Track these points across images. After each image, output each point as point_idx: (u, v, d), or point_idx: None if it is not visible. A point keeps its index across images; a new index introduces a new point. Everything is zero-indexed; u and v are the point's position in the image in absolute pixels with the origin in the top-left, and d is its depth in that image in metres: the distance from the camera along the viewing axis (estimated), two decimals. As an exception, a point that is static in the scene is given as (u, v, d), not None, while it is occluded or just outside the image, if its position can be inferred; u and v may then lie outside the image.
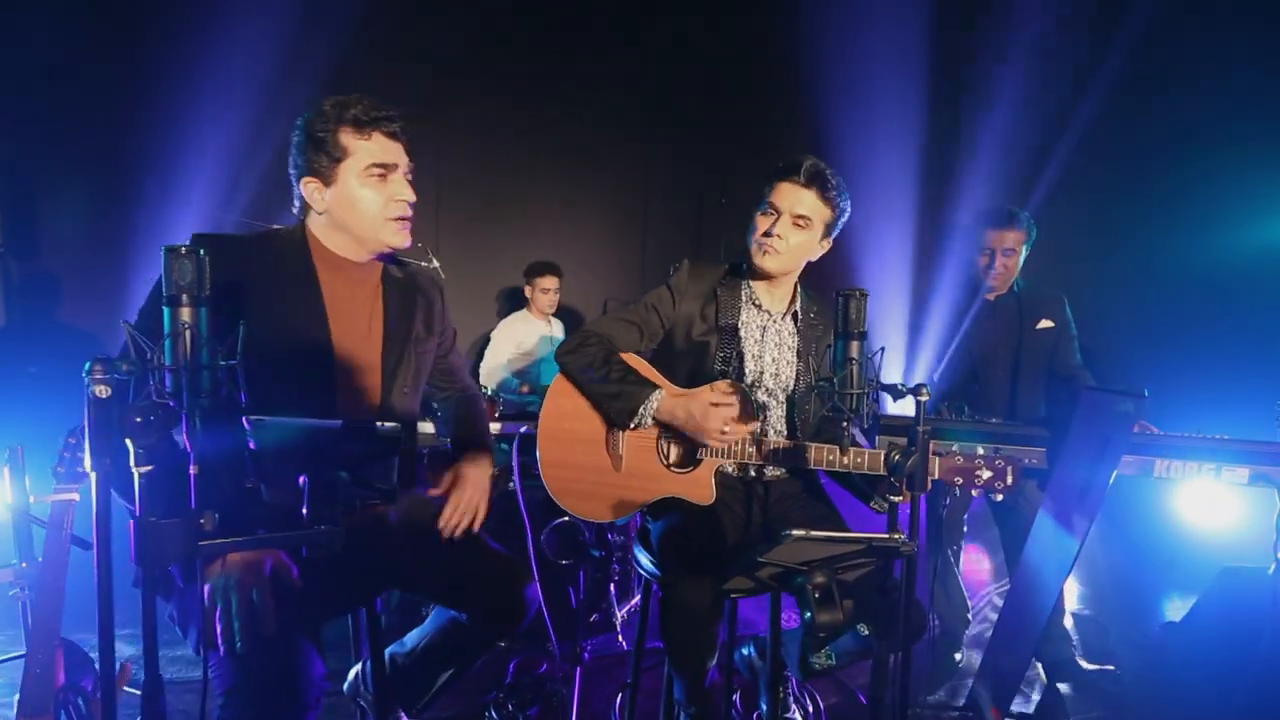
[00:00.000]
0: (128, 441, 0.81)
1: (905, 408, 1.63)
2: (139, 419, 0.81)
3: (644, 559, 1.52)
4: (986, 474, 1.30)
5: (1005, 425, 1.99)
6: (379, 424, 0.95)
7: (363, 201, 1.26)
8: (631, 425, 1.47)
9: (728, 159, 4.45)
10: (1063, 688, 2.16)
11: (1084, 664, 2.24)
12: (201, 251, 0.89)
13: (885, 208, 3.86)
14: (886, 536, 0.99)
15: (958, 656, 2.31)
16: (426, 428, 2.46)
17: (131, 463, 0.82)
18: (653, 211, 4.49)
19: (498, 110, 4.13)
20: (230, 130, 3.37)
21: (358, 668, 1.53)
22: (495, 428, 2.46)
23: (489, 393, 2.88)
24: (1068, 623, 2.39)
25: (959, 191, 3.62)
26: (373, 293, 1.37)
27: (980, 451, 1.33)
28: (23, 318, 3.17)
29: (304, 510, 0.92)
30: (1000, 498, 1.30)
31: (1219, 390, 2.75)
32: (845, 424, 1.11)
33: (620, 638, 2.40)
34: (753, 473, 1.59)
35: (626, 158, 4.40)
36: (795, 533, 0.92)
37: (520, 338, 3.65)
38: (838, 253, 1.64)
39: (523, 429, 2.05)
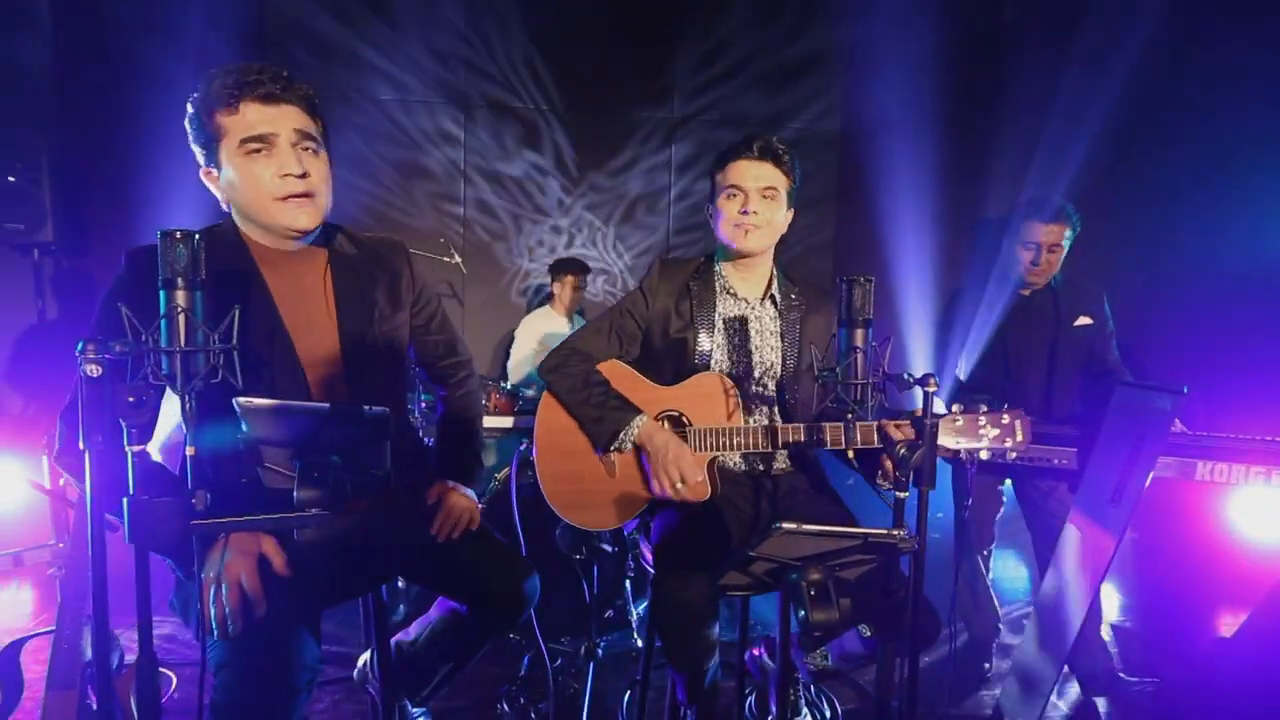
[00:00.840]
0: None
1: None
2: (132, 399, 0.83)
3: (647, 555, 1.50)
4: (992, 431, 1.22)
5: (1035, 423, 1.90)
6: (366, 408, 0.95)
7: (245, 183, 1.13)
8: (612, 449, 1.47)
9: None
10: (1099, 702, 2.05)
11: (1123, 677, 2.12)
12: (197, 236, 0.91)
13: (920, 198, 3.75)
14: (884, 532, 0.94)
15: (986, 666, 2.21)
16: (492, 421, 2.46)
17: (125, 442, 0.84)
18: (677, 211, 4.46)
19: (531, 103, 4.17)
20: None
21: (366, 655, 1.55)
22: (508, 423, 2.47)
23: (508, 387, 2.90)
24: (1106, 634, 2.27)
25: (996, 182, 3.49)
26: (320, 278, 1.26)
27: (983, 408, 1.23)
28: (71, 310, 3.34)
29: (294, 493, 0.92)
30: (1014, 456, 1.22)
31: (1270, 392, 2.57)
32: (849, 416, 1.06)
33: (635, 635, 2.37)
34: (760, 466, 1.55)
35: (656, 151, 4.37)
36: (785, 525, 0.88)
37: (543, 334, 3.68)
38: (869, 243, 1.61)
39: (522, 445, 2.06)
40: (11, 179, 3.04)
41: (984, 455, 1.25)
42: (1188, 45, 3.05)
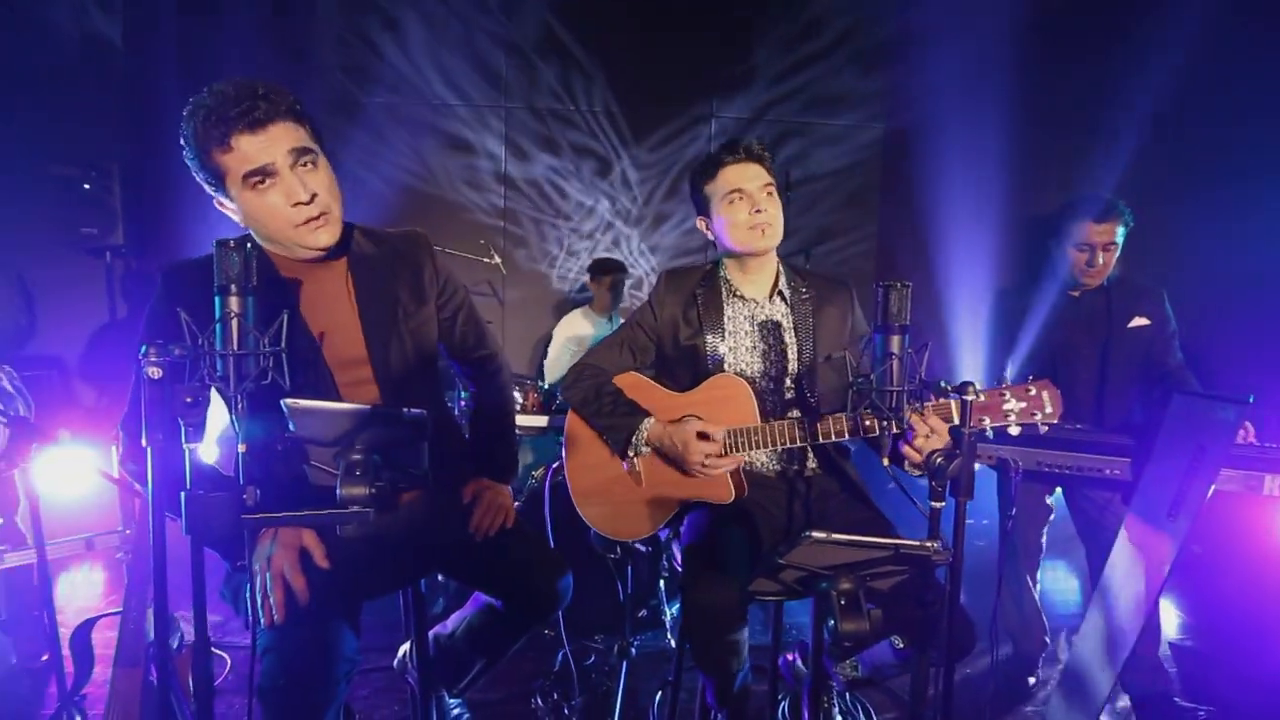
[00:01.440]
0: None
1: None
2: (189, 399, 0.88)
3: (678, 557, 1.51)
4: (1017, 404, 1.18)
5: (1086, 431, 1.82)
6: (405, 410, 0.98)
7: (261, 214, 1.15)
8: (630, 454, 1.50)
9: (797, 151, 4.33)
10: (1153, 727, 1.95)
11: (1181, 702, 2.02)
12: (249, 245, 0.96)
13: (967, 196, 3.64)
14: (917, 544, 0.92)
15: (1031, 681, 2.14)
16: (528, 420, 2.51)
17: (182, 439, 0.89)
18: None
19: (572, 104, 4.21)
20: (343, 138, 3.64)
21: (406, 646, 1.60)
22: (543, 421, 2.50)
23: (545, 386, 2.94)
24: (1164, 653, 2.16)
25: (1046, 179, 3.35)
26: (342, 281, 1.27)
27: (1005, 381, 1.18)
28: (138, 309, 3.54)
29: (337, 490, 0.96)
30: (1045, 429, 1.16)
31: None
32: (885, 424, 1.04)
33: (669, 635, 2.38)
34: (794, 466, 1.54)
35: (691, 147, 4.36)
36: (815, 534, 0.87)
37: (580, 334, 3.71)
38: (913, 242, 1.58)
39: (554, 465, 2.09)
40: (87, 186, 3.24)
41: (1014, 431, 1.20)
42: (1249, 37, 2.87)
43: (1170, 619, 2.65)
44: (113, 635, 1.57)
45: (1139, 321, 1.98)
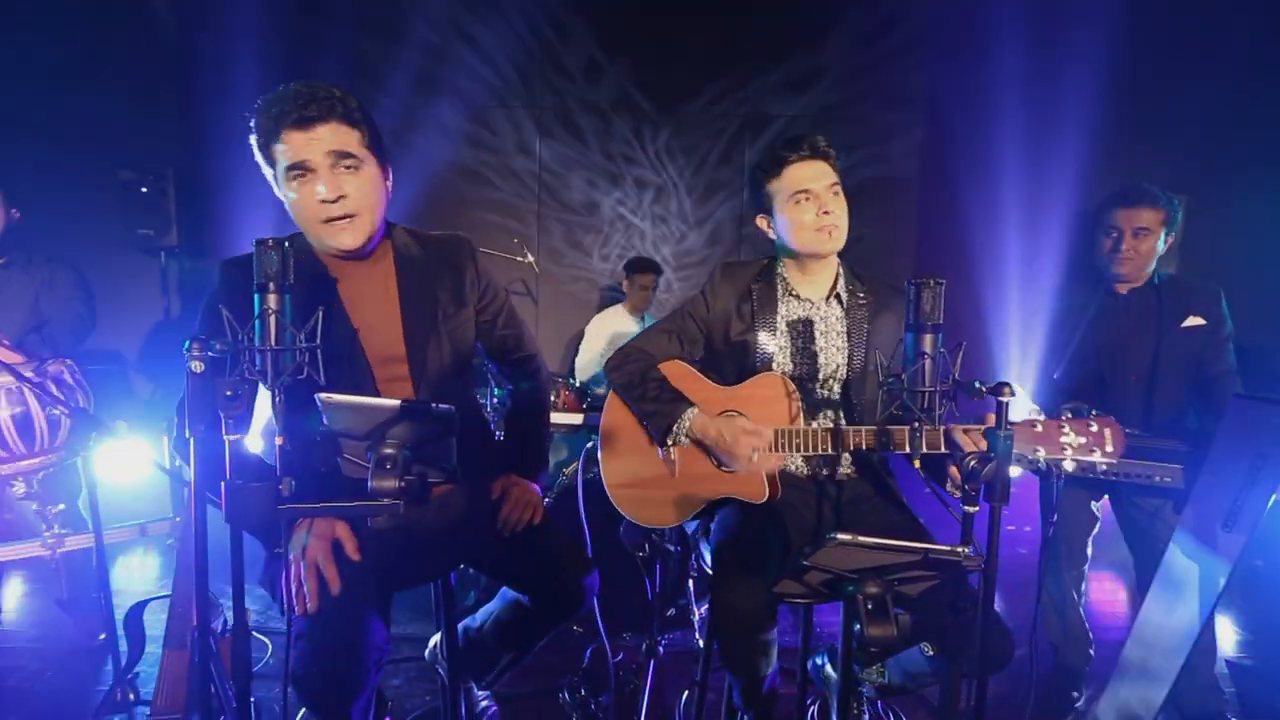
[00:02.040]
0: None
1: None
2: (229, 393, 0.91)
3: (707, 557, 1.50)
4: (1077, 439, 1.12)
5: (1135, 436, 1.74)
6: (434, 405, 1.00)
7: (294, 208, 1.22)
8: (669, 442, 1.48)
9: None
10: (1208, 746, 1.86)
11: (1236, 721, 1.92)
12: (287, 244, 0.99)
13: (1010, 190, 3.52)
14: (947, 549, 0.89)
15: (1075, 695, 2.05)
16: (561, 417, 2.54)
17: (222, 431, 0.92)
18: (750, 211, 4.39)
19: (604, 101, 4.22)
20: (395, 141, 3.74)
21: (436, 637, 1.64)
22: (577, 419, 2.52)
23: (576, 384, 2.96)
24: (1220, 671, 2.05)
25: (1094, 173, 3.21)
26: (385, 280, 1.32)
27: (1067, 414, 1.12)
28: (191, 306, 3.71)
29: (368, 483, 0.99)
30: (1105, 468, 1.11)
31: None
32: (915, 425, 1.02)
33: (697, 634, 2.37)
34: (825, 471, 1.51)
35: (726, 150, 4.33)
36: (840, 536, 0.85)
37: (612, 332, 3.72)
38: (953, 239, 1.53)
39: (590, 443, 2.11)
40: (144, 190, 3.41)
41: (1069, 467, 1.15)
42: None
43: (1227, 635, 2.51)
44: (164, 618, 1.64)
45: (1193, 321, 1.88)
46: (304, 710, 1.23)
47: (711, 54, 4.17)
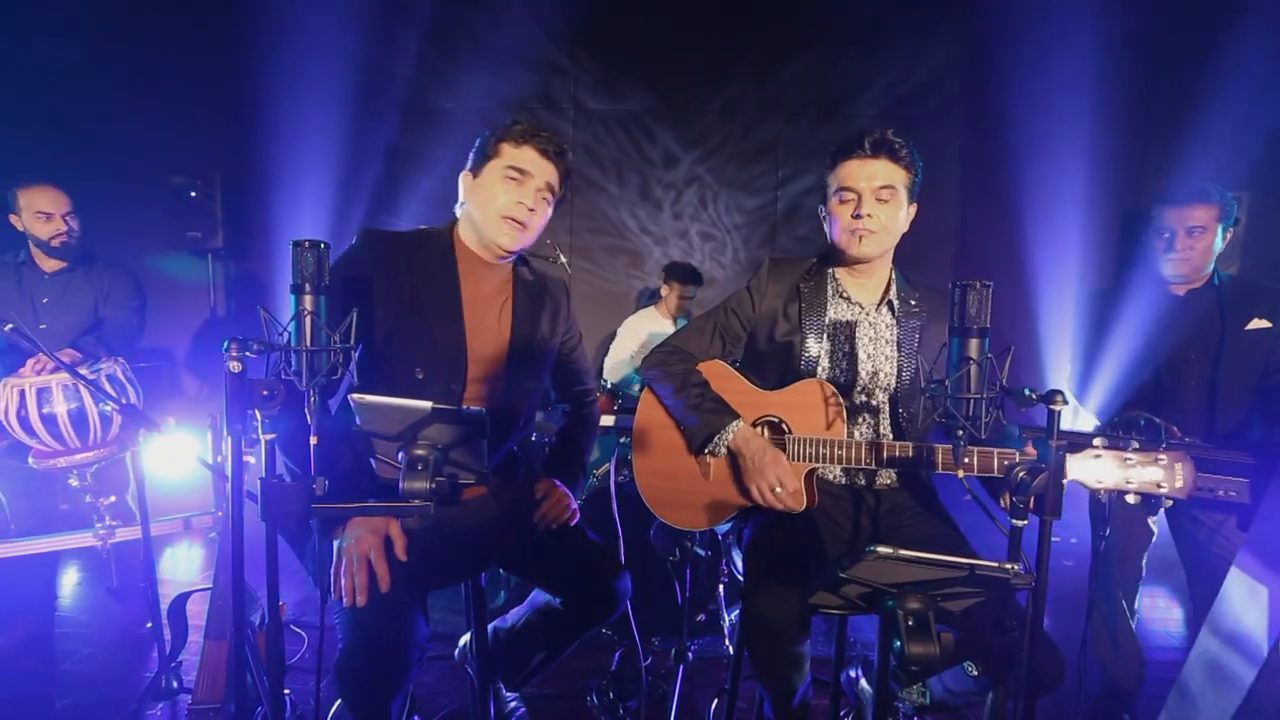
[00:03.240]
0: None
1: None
2: (265, 392, 0.93)
3: (739, 563, 1.47)
4: (1143, 473, 1.04)
5: (1196, 446, 1.64)
6: (465, 408, 1.00)
7: (489, 195, 1.37)
8: (706, 452, 1.45)
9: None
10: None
11: (1308, 755, 1.79)
12: (323, 245, 1.00)
13: (1057, 188, 3.39)
14: (995, 565, 0.85)
15: (1125, 717, 1.96)
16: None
17: (259, 430, 0.94)
18: (783, 211, 4.33)
19: (639, 104, 4.22)
20: (419, 140, 3.80)
21: (466, 637, 1.64)
22: (609, 420, 2.51)
23: (608, 385, 2.95)
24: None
25: (1149, 170, 3.07)
26: (504, 292, 1.47)
27: (1135, 445, 1.03)
28: (236, 307, 3.83)
29: (399, 483, 0.99)
30: (1171, 503, 1.03)
31: None
32: (959, 434, 0.97)
33: (727, 641, 2.34)
34: (861, 480, 1.46)
35: (761, 155, 4.27)
36: (880, 549, 0.82)
37: (644, 334, 3.70)
38: (997, 239, 1.46)
39: (623, 439, 2.10)
40: (193, 194, 3.54)
41: (1130, 500, 1.05)
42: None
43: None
44: (206, 609, 1.68)
45: (1258, 324, 1.77)
46: (339, 703, 1.25)
47: (740, 48, 4.12)
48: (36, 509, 2.14)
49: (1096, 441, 1.03)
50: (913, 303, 1.47)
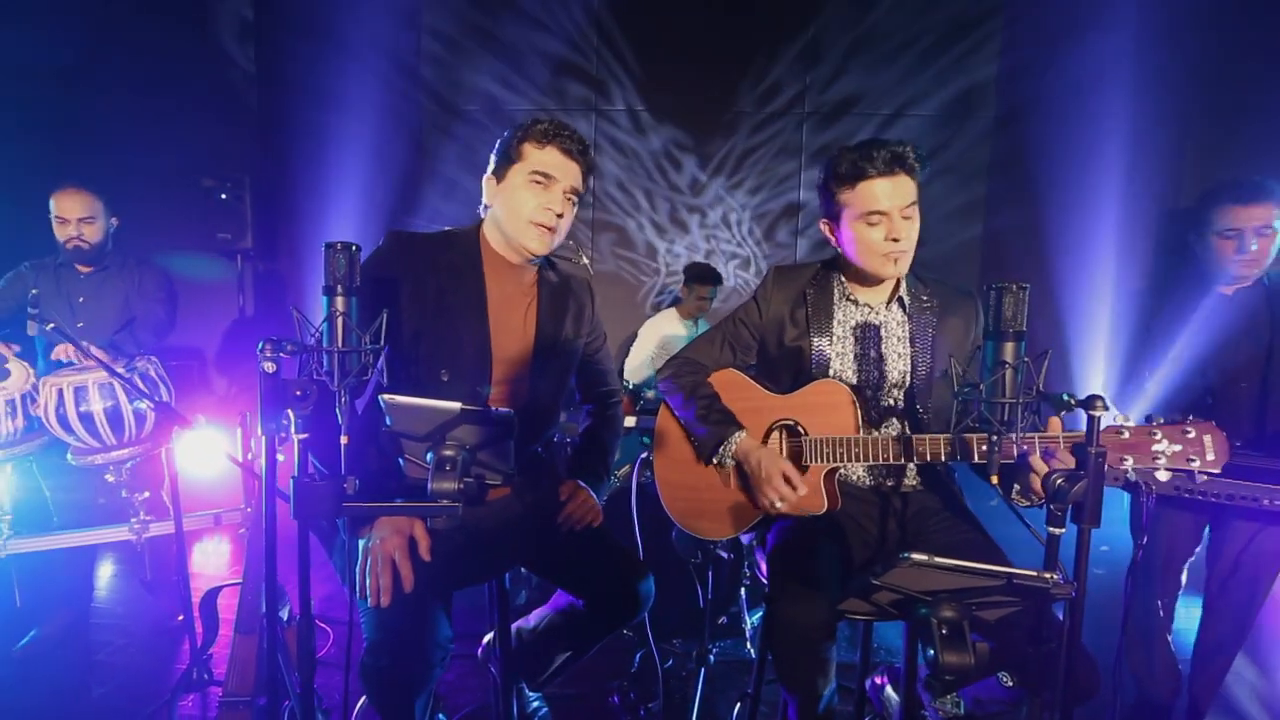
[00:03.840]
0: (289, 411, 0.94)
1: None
2: (298, 392, 0.94)
3: (762, 567, 1.46)
4: (1171, 446, 1.02)
5: (1243, 453, 1.59)
6: (493, 409, 1.00)
7: (517, 201, 1.36)
8: (713, 462, 1.45)
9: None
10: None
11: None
12: (354, 248, 1.01)
13: (1088, 186, 3.30)
14: (1034, 574, 0.82)
15: (1161, 732, 1.90)
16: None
17: (292, 430, 0.95)
18: (809, 213, 4.29)
19: (659, 106, 4.21)
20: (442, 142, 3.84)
21: (489, 636, 1.65)
22: (631, 421, 2.51)
23: (630, 386, 2.95)
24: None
25: (1186, 168, 2.98)
26: (529, 293, 1.47)
27: (1159, 419, 1.02)
28: (264, 307, 3.90)
29: (428, 484, 1.00)
30: (1205, 478, 1.00)
31: None
32: (995, 438, 0.95)
33: (749, 644, 2.32)
34: (889, 482, 1.45)
35: (781, 138, 4.24)
36: (915, 556, 0.80)
37: (664, 336, 3.70)
38: (1024, 239, 1.42)
39: (645, 441, 2.09)
40: (224, 196, 3.61)
41: (1162, 477, 1.04)
42: None
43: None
44: (236, 603, 1.71)
45: None
46: (364, 698, 1.26)
47: (761, 36, 4.08)
48: (75, 503, 2.20)
49: (1120, 418, 1.01)
50: (924, 298, 1.46)
